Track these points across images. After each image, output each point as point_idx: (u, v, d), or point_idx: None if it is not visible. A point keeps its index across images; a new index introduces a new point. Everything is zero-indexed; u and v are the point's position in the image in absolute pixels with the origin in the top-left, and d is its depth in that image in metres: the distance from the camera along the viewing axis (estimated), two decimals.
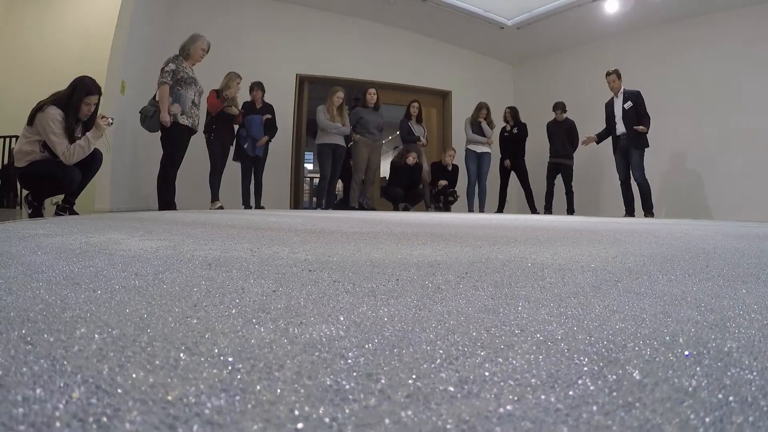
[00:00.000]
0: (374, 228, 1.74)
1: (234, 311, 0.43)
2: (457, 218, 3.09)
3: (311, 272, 0.65)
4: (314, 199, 10.42)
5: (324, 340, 0.35)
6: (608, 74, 5.88)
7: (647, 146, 5.69)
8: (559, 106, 7.05)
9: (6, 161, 6.43)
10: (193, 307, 0.45)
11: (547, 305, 0.49)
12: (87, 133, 3.06)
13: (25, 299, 0.49)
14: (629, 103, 5.65)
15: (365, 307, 0.46)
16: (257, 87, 6.23)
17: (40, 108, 2.94)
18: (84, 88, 3.04)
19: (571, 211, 6.97)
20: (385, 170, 8.19)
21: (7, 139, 6.35)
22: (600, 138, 6.07)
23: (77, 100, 3.01)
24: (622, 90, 5.80)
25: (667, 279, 0.70)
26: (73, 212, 3.22)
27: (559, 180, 7.04)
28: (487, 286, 0.59)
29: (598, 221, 3.29)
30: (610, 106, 5.96)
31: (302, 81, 7.96)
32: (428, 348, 0.34)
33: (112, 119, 3.36)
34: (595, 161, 7.74)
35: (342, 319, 0.41)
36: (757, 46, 6.45)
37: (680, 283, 0.67)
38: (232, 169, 6.04)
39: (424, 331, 0.38)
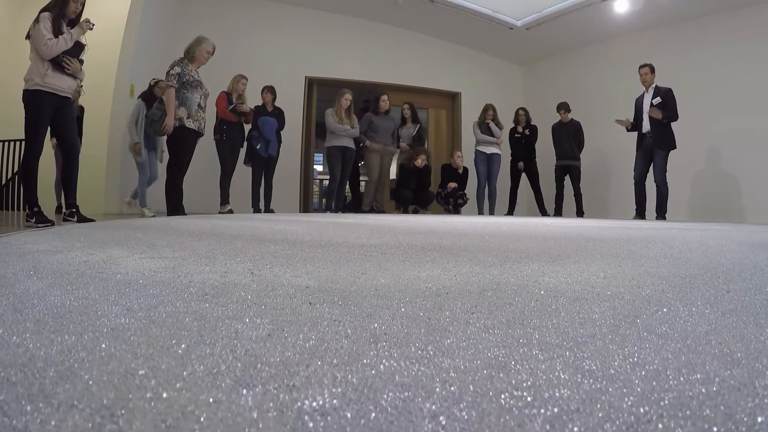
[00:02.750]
0: (382, 239, 1.71)
1: (223, 367, 0.40)
2: (467, 223, 3.04)
3: (311, 306, 0.62)
4: (324, 200, 10.45)
5: (315, 414, 0.32)
6: (641, 67, 5.74)
7: (674, 148, 5.57)
8: (563, 107, 6.98)
9: (9, 166, 6.50)
10: (180, 360, 0.42)
11: (562, 354, 0.46)
12: (72, 30, 3.23)
13: (10, 347, 0.46)
14: (657, 99, 5.52)
15: (365, 360, 0.43)
16: (268, 90, 6.24)
17: (36, 17, 3.15)
18: None
19: (580, 213, 6.91)
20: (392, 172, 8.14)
21: (10, 143, 6.42)
22: (632, 127, 5.92)
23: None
24: (653, 85, 5.67)
25: (687, 311, 0.66)
26: (81, 217, 3.21)
27: (567, 182, 6.98)
28: (498, 324, 0.55)
29: (610, 225, 3.23)
30: (639, 101, 5.83)
31: (311, 83, 7.96)
32: (430, 426, 0.31)
33: (94, 24, 3.51)
34: (602, 162, 7.66)
35: (338, 378, 0.38)
36: None
37: (702, 316, 0.63)
38: (242, 172, 6.05)
39: (427, 399, 0.35)
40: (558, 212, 6.98)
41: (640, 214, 5.82)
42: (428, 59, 8.38)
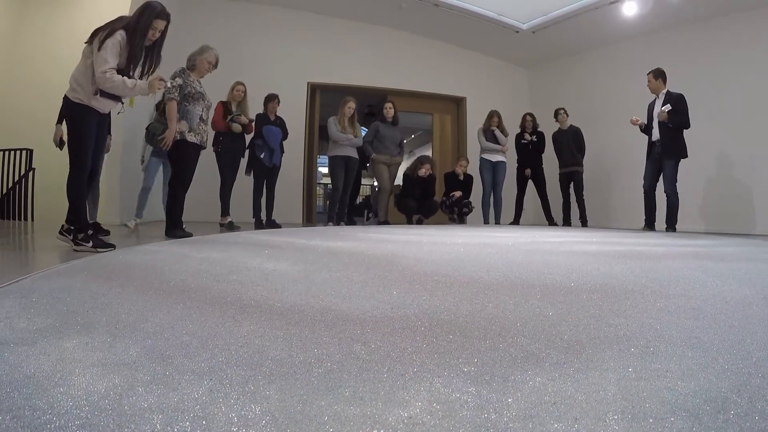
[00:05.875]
0: (373, 298, 1.57)
1: None
2: (471, 246, 2.87)
3: None
4: (327, 202, 10.41)
5: None
6: (648, 74, 5.63)
7: (684, 156, 5.40)
8: (560, 112, 6.83)
9: (10, 174, 6.43)
10: None
11: None
12: (139, 81, 3.03)
13: None
14: (668, 106, 5.37)
15: None
16: (272, 99, 6.15)
17: (110, 32, 2.91)
18: (153, 12, 3.04)
19: (584, 221, 6.76)
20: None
21: (11, 152, 6.35)
22: (645, 128, 5.77)
23: (145, 24, 2.99)
24: (664, 91, 5.51)
25: None
26: (75, 239, 3.08)
27: (572, 189, 6.85)
28: None
29: (618, 250, 3.05)
30: (650, 108, 5.69)
31: (314, 89, 7.82)
32: None
33: (169, 84, 3.42)
34: (609, 168, 7.49)
35: None
36: None
37: None
38: (244, 181, 5.96)
39: None
40: (566, 221, 6.82)
41: (650, 224, 5.67)
42: (433, 63, 8.23)
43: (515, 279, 1.98)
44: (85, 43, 2.98)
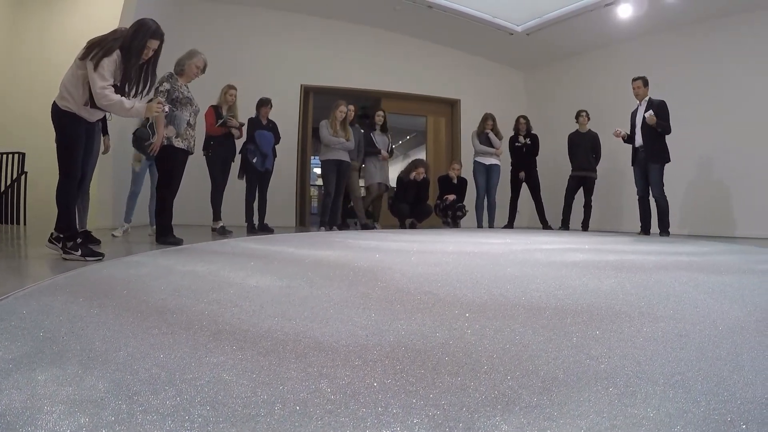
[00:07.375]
0: (357, 318, 1.54)
1: None
2: (460, 254, 2.85)
3: None
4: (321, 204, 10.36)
5: None
6: (633, 80, 5.63)
7: (667, 161, 5.43)
8: (582, 114, 6.80)
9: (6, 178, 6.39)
10: None
11: None
12: (137, 102, 3.00)
13: None
14: (650, 113, 5.39)
15: None
16: (264, 103, 6.12)
17: (107, 50, 2.88)
18: (147, 32, 3.00)
19: (586, 225, 6.74)
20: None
21: (6, 156, 6.30)
22: (628, 138, 5.79)
23: (139, 44, 2.97)
24: (647, 98, 5.54)
25: None
26: (65, 247, 3.05)
27: (577, 193, 6.83)
28: None
29: (612, 261, 3.03)
30: (633, 115, 5.72)
31: (307, 92, 7.79)
32: None
33: (168, 109, 3.44)
34: (616, 173, 7.46)
35: None
36: None
37: None
38: (236, 185, 5.93)
39: None
40: (565, 225, 6.79)
41: (645, 230, 5.70)
42: (426, 65, 8.21)
43: (500, 297, 1.95)
44: (79, 59, 2.94)
